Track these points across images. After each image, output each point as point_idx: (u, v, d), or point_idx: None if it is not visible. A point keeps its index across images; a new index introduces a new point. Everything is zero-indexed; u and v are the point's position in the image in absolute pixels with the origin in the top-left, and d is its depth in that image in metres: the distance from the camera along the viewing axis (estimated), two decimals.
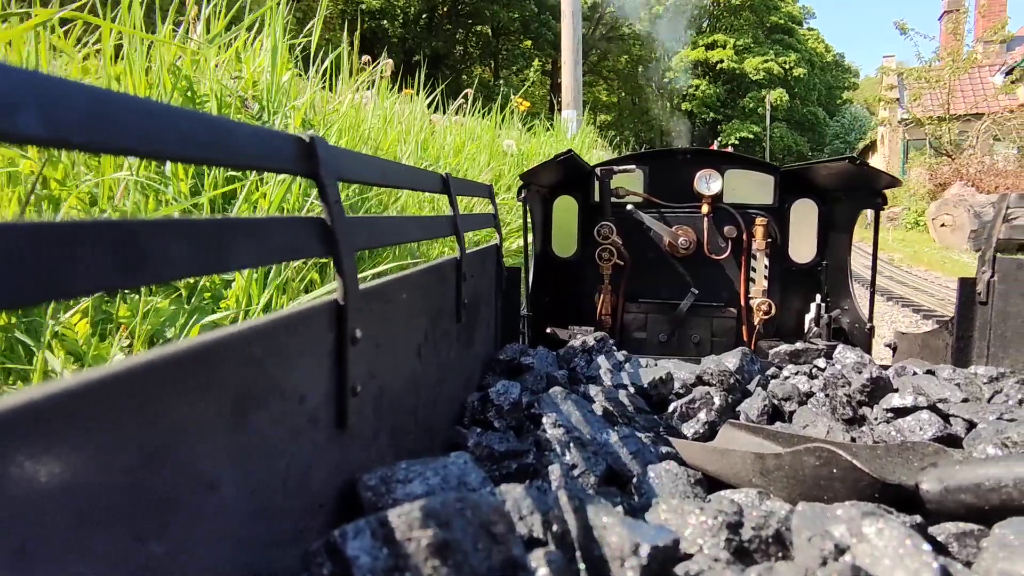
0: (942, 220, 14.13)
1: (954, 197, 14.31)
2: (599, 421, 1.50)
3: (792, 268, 3.08)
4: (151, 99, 0.59)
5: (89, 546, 0.47)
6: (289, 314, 0.74)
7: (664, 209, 3.13)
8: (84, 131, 0.47)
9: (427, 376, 1.28)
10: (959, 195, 14.39)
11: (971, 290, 2.23)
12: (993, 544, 0.84)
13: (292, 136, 0.79)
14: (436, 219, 1.51)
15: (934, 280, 10.97)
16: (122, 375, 0.49)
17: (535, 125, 8.07)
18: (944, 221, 14.08)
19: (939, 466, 1.01)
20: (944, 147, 18.40)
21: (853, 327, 2.78)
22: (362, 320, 0.91)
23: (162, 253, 0.53)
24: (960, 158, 17.31)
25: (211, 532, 0.60)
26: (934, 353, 2.40)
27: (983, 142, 17.64)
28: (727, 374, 1.82)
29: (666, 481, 1.19)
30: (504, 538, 0.73)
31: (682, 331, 3.13)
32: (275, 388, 0.71)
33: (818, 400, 1.72)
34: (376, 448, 1.00)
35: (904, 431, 1.44)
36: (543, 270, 3.10)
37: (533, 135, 7.36)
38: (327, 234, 0.83)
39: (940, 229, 14.06)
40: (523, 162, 5.97)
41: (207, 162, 0.64)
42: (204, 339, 0.60)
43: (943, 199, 14.49)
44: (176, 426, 0.55)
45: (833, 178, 2.80)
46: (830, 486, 1.04)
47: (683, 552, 0.83)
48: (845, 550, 0.78)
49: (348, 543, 0.69)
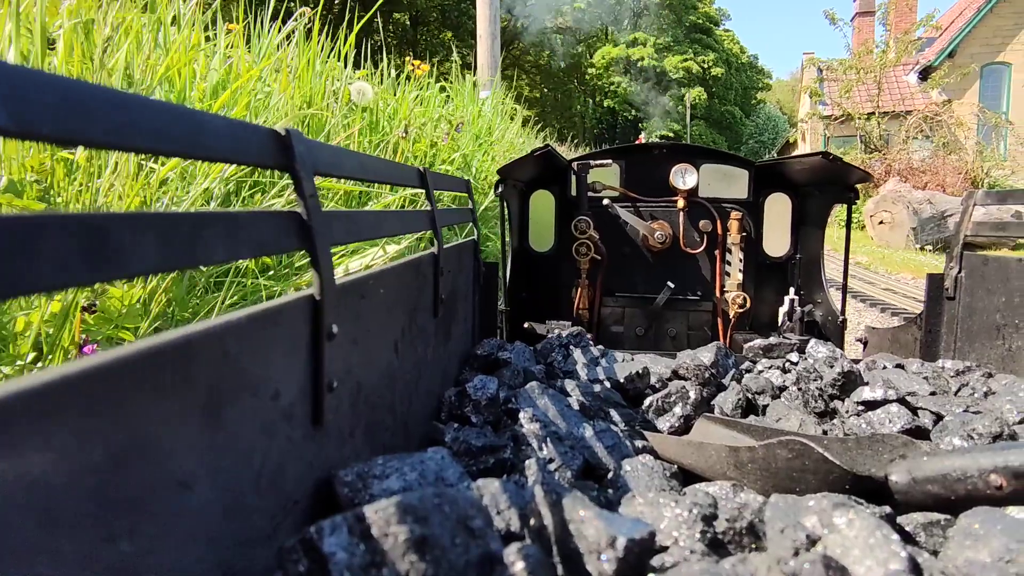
0: (880, 217, 13.74)
1: (892, 193, 13.87)
2: (576, 416, 1.50)
3: (766, 262, 3.12)
4: (122, 90, 0.58)
5: (56, 547, 0.46)
6: (264, 309, 0.73)
7: (640, 203, 3.14)
8: (53, 122, 0.46)
9: (404, 371, 1.28)
10: (896, 191, 14.01)
11: (939, 286, 2.28)
12: (959, 533, 0.86)
13: (266, 129, 0.78)
14: (413, 213, 1.50)
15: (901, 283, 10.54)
16: (90, 372, 0.48)
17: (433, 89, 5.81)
18: (883, 218, 13.69)
19: (907, 458, 1.03)
20: (874, 142, 18.45)
21: (826, 320, 2.83)
22: (338, 315, 0.90)
23: (132, 247, 0.52)
24: (892, 154, 17.31)
25: (183, 531, 0.59)
26: (903, 347, 2.45)
27: (911, 139, 17.73)
28: (702, 368, 1.84)
29: (642, 474, 1.20)
30: (482, 533, 0.73)
31: (658, 325, 3.16)
32: (249, 384, 0.70)
33: (791, 394, 1.74)
34: (353, 444, 1.00)
35: (874, 424, 1.47)
36: (520, 265, 3.10)
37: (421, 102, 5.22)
38: (303, 228, 0.83)
39: (879, 227, 13.71)
40: (386, 123, 4.15)
41: (179, 155, 0.63)
42: (176, 334, 0.59)
43: (881, 195, 14.08)
44: (147, 424, 0.55)
45: (806, 173, 2.84)
46: (802, 478, 1.05)
47: (659, 544, 0.84)
48: (816, 541, 0.80)
49: (324, 539, 0.69)
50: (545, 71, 41.89)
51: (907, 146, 17.37)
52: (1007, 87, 19.67)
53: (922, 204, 13.09)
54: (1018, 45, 19.46)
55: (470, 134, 5.51)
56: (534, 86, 40.91)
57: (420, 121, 4.56)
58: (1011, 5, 19.28)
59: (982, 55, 19.35)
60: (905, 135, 17.59)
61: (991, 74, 19.68)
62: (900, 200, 13.34)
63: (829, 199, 2.83)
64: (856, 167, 2.51)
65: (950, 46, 19.46)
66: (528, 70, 40.43)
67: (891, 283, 9.92)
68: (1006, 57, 19.57)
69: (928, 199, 13.24)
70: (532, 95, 38.59)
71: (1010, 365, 1.92)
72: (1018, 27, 19.34)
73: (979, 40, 19.49)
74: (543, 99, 40.13)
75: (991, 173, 16.45)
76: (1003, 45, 19.52)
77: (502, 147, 6.59)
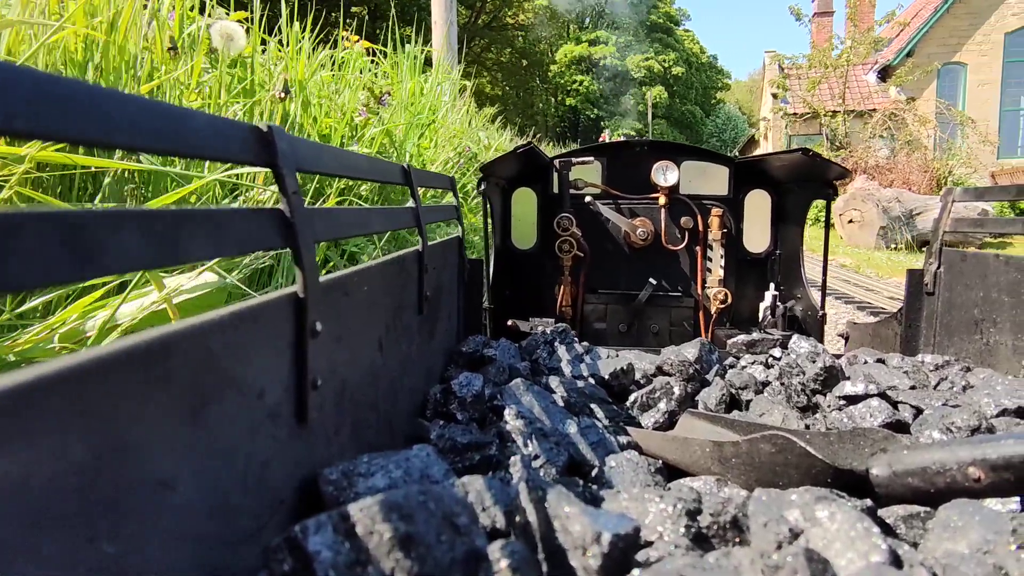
0: (850, 216, 13.30)
1: (861, 191, 13.50)
2: (561, 412, 1.51)
3: (747, 258, 3.14)
4: (99, 85, 0.57)
5: (38, 548, 0.45)
6: (247, 307, 0.73)
7: (622, 201, 3.15)
8: (27, 118, 0.45)
9: (389, 369, 1.27)
10: (865, 189, 13.69)
11: (919, 281, 2.31)
12: (938, 525, 0.88)
13: (248, 125, 0.78)
14: (398, 210, 1.50)
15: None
16: (72, 371, 0.48)
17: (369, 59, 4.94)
18: (852, 217, 13.26)
19: (888, 451, 1.04)
20: (840, 140, 18.43)
21: (806, 315, 2.86)
22: (322, 313, 0.89)
23: (114, 245, 0.52)
24: (859, 151, 17.28)
25: (167, 531, 0.59)
26: (884, 342, 2.48)
27: (878, 136, 17.78)
28: (687, 364, 1.85)
29: (627, 470, 1.21)
30: (467, 530, 0.73)
31: (641, 321, 3.17)
32: (233, 383, 0.70)
33: (774, 389, 1.76)
34: (337, 442, 0.99)
35: (855, 418, 1.49)
36: (503, 262, 3.10)
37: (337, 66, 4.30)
38: (286, 226, 0.82)
39: (848, 226, 13.31)
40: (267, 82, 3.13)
41: (159, 151, 0.62)
42: (158, 332, 0.58)
43: (850, 194, 13.70)
44: (129, 423, 0.54)
45: (786, 169, 2.86)
46: (785, 472, 1.06)
47: (644, 540, 0.85)
48: (799, 534, 0.81)
49: (309, 538, 0.68)
50: (506, 68, 41.81)
51: (871, 144, 17.44)
52: (963, 87, 19.91)
53: (891, 202, 12.84)
54: (973, 46, 19.68)
55: (404, 110, 4.61)
56: (495, 83, 40.80)
57: (329, 88, 3.59)
58: (966, 6, 19.46)
59: (939, 55, 19.53)
60: (871, 132, 17.67)
61: (948, 74, 19.92)
62: (869, 198, 13.05)
63: (808, 195, 2.86)
64: (835, 163, 2.53)
65: (908, 45, 19.63)
66: (490, 67, 40.29)
67: (893, 290, 9.40)
68: (962, 57, 19.80)
69: (896, 197, 13.01)
70: (494, 92, 38.51)
71: (988, 359, 1.95)
72: (973, 27, 19.55)
73: (936, 40, 19.67)
74: (505, 97, 40.01)
75: (955, 171, 16.62)
76: (959, 45, 19.73)
77: (448, 132, 5.76)
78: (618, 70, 42.19)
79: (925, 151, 17.17)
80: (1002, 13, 19.39)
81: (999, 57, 19.56)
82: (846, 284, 8.72)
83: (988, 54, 19.60)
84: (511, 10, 40.54)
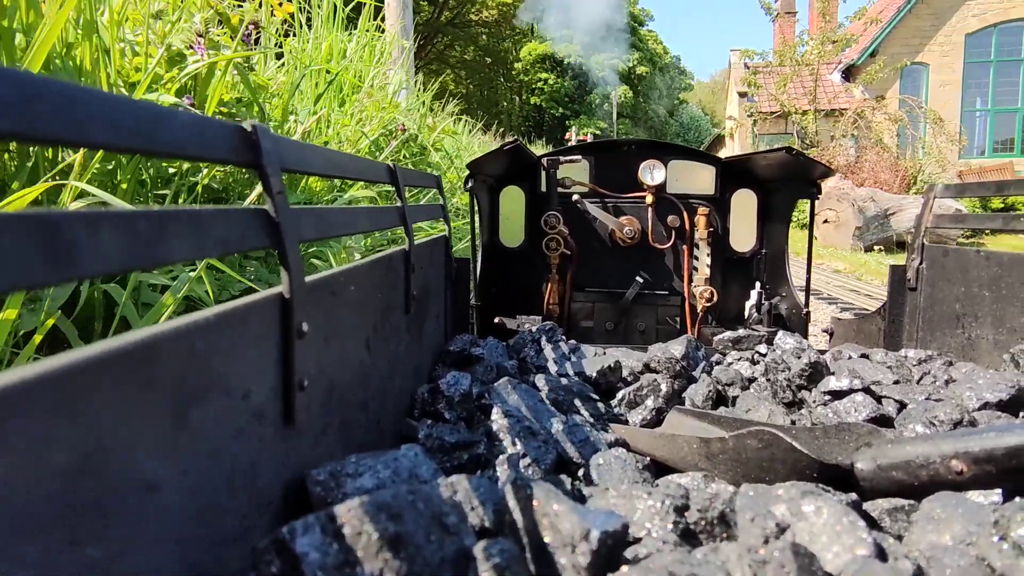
0: (825, 216, 13.05)
1: (836, 190, 13.19)
2: (549, 410, 1.51)
3: (733, 257, 3.16)
4: (78, 84, 0.56)
5: (20, 553, 0.45)
6: (233, 307, 0.72)
7: (609, 199, 3.16)
8: (1, 117, 0.45)
9: (376, 369, 1.27)
10: (840, 188, 13.41)
11: (901, 277, 2.34)
12: (922, 518, 0.89)
13: (232, 125, 0.77)
14: (384, 210, 1.49)
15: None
16: (54, 373, 0.47)
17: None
18: (827, 217, 13.00)
19: (873, 446, 1.05)
20: (811, 139, 18.34)
21: (791, 313, 2.88)
22: (308, 313, 0.89)
23: (93, 246, 0.51)
24: (830, 150, 17.22)
25: (153, 533, 0.58)
26: (868, 338, 2.50)
27: (848, 135, 17.77)
28: (674, 361, 1.86)
29: (615, 467, 1.21)
30: (456, 529, 0.73)
31: (628, 319, 3.18)
32: (219, 384, 0.69)
33: (760, 385, 1.77)
34: (325, 443, 0.99)
35: (840, 413, 1.50)
36: (491, 260, 3.10)
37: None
38: (271, 226, 0.81)
39: (823, 226, 13.03)
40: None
41: (140, 152, 0.61)
42: (143, 334, 0.57)
43: (825, 192, 13.29)
44: (114, 425, 0.53)
45: (771, 168, 2.88)
46: (772, 468, 1.07)
47: (632, 536, 0.85)
48: (786, 528, 0.81)
49: (297, 539, 0.68)
50: (470, 66, 41.66)
51: (842, 143, 17.45)
52: (925, 87, 20.08)
53: (866, 202, 12.67)
54: (935, 46, 19.83)
55: (317, 75, 3.73)
56: (459, 81, 40.67)
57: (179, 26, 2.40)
58: (928, 6, 19.61)
59: (902, 55, 19.65)
60: (842, 131, 17.69)
61: (910, 74, 20.08)
62: (845, 198, 12.85)
63: (793, 194, 2.88)
64: (819, 162, 2.55)
65: (872, 45, 19.75)
66: (453, 65, 40.13)
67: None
68: (924, 58, 19.96)
69: (871, 196, 12.87)
70: (457, 90, 38.53)
71: (970, 353, 1.98)
72: (935, 28, 19.69)
73: (899, 40, 19.80)
74: (469, 95, 39.90)
75: (924, 170, 16.72)
76: (921, 46, 19.87)
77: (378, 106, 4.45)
78: (582, 69, 42.22)
79: (889, 151, 17.22)
80: (963, 14, 19.55)
81: (960, 58, 19.77)
82: (855, 295, 7.35)
83: (949, 55, 19.79)
84: (474, 7, 40.40)
